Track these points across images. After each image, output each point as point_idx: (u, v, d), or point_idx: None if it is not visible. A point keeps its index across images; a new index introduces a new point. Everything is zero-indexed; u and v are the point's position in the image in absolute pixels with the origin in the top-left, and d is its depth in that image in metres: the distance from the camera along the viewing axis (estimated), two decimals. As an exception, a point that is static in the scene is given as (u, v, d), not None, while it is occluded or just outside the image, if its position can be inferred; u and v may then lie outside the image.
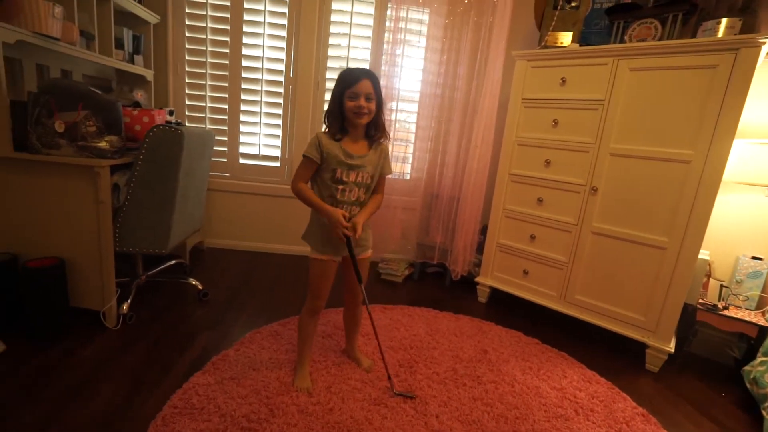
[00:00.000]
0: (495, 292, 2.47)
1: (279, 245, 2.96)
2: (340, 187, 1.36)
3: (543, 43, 2.19)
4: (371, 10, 2.68)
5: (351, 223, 1.34)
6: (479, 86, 2.48)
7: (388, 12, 2.50)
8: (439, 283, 2.73)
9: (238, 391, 1.39)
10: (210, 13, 2.59)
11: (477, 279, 2.49)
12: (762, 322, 1.75)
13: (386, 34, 2.54)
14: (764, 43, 1.49)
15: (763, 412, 1.45)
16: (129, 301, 1.82)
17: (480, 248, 2.56)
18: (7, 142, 1.57)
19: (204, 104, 2.72)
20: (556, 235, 2.14)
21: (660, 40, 1.91)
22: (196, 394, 1.36)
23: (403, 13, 2.49)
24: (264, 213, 2.92)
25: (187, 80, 2.67)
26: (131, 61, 2.40)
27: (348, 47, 2.71)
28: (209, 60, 2.65)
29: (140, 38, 2.46)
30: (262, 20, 2.62)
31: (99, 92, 1.63)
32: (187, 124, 2.72)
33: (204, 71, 2.66)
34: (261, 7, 2.60)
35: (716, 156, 1.63)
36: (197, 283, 2.12)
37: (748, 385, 1.64)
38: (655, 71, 1.77)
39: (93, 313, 1.73)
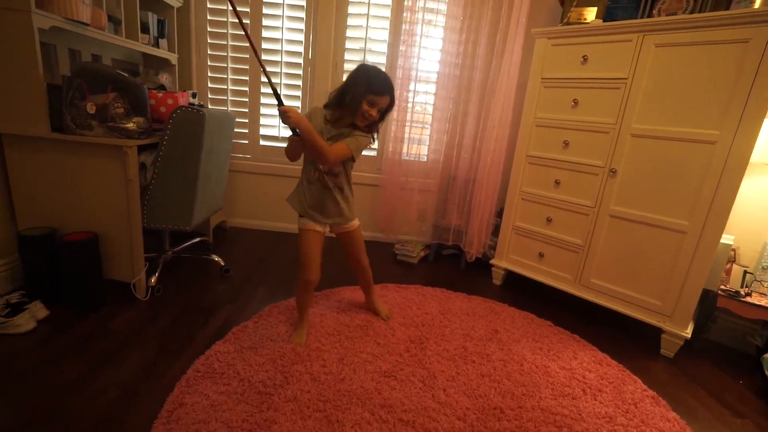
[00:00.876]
0: (510, 275, 2.48)
1: (296, 225, 3.04)
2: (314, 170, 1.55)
3: (566, 20, 2.12)
4: (390, -11, 2.65)
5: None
6: (498, 66, 2.44)
7: (407, -10, 2.47)
8: (454, 265, 2.75)
9: (256, 360, 1.48)
10: (230, -5, 2.62)
11: (492, 261, 2.50)
12: (786, 310, 1.70)
13: (405, 14, 2.51)
14: (802, 14, 1.40)
15: (780, 399, 1.43)
16: (157, 274, 1.93)
17: (496, 231, 2.56)
18: (44, 124, 1.67)
19: (226, 87, 2.78)
20: (572, 218, 2.11)
21: (692, 13, 1.82)
22: (217, 360, 1.46)
23: (421, -8, 2.46)
24: (284, 194, 2.96)
25: (209, 63, 2.74)
26: (156, 44, 2.47)
27: (366, 28, 2.70)
28: (230, 43, 2.70)
29: (164, 22, 2.52)
30: (281, 2, 2.64)
31: (126, 75, 1.71)
32: (209, 106, 2.80)
33: (225, 54, 2.72)
34: (280, -12, 2.62)
35: (745, 136, 1.56)
36: (219, 259, 2.23)
37: (767, 373, 1.61)
38: (683, 47, 1.69)
39: (124, 285, 1.85)
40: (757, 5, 1.55)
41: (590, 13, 2.05)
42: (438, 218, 2.85)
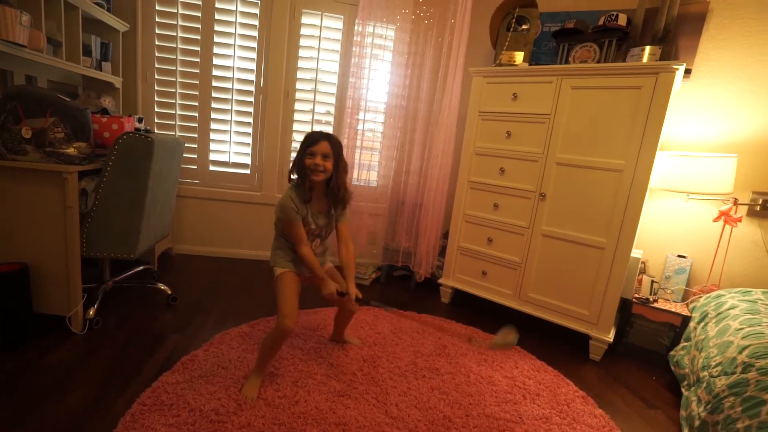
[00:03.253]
0: (456, 293, 2.62)
1: (248, 251, 3.01)
2: (315, 240, 1.61)
3: (498, 61, 2.38)
4: (340, 24, 2.81)
5: (346, 294, 1.55)
6: (440, 99, 2.65)
7: (356, 27, 2.63)
8: (404, 286, 2.85)
9: (207, 388, 1.45)
10: (180, 22, 2.64)
11: (440, 280, 2.64)
12: (685, 312, 1.98)
13: (354, 48, 2.67)
14: (677, 69, 1.72)
15: (683, 390, 1.65)
16: (96, 306, 1.83)
17: (442, 251, 2.71)
18: (-30, 148, 1.57)
19: (174, 112, 2.75)
20: (510, 237, 2.31)
21: (598, 62, 2.14)
22: (165, 392, 1.41)
23: (370, 29, 2.64)
24: (233, 219, 2.96)
25: (156, 88, 2.70)
26: (99, 68, 2.41)
27: (317, 59, 2.82)
28: (179, 69, 2.70)
29: (108, 45, 2.47)
30: (233, 31, 2.70)
31: (68, 99, 1.66)
32: (156, 131, 2.74)
33: (174, 79, 2.70)
34: (232, 18, 2.68)
35: (643, 166, 1.85)
36: (166, 288, 2.15)
37: (672, 368, 1.85)
38: (593, 90, 1.98)
39: (58, 319, 1.74)
40: (645, 60, 1.87)
41: (519, 57, 2.32)
42: (388, 240, 2.96)
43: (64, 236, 1.67)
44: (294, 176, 1.57)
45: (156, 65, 2.67)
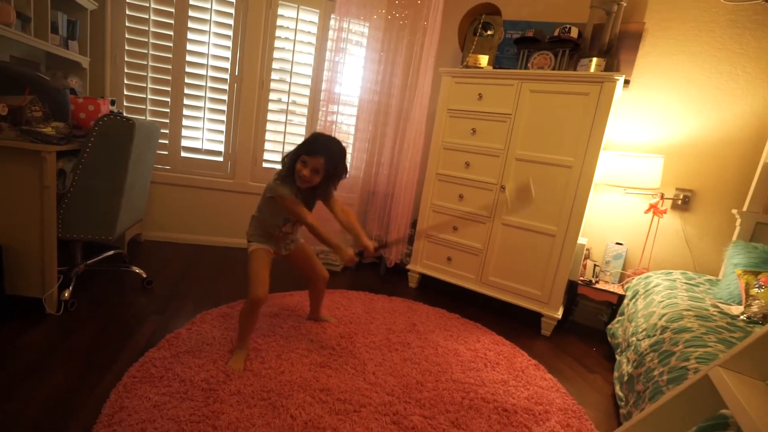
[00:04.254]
0: (424, 278, 2.81)
1: (220, 238, 3.03)
2: (287, 223, 1.67)
3: (465, 63, 2.57)
4: (315, 18, 2.88)
5: (364, 251, 1.60)
6: (411, 96, 2.81)
7: (332, 22, 2.73)
8: (374, 272, 3.00)
9: (195, 362, 1.52)
10: (153, 5, 2.60)
11: (408, 267, 2.81)
12: (621, 292, 2.28)
13: (329, 42, 2.76)
14: (618, 79, 1.99)
15: (617, 356, 1.93)
16: (71, 288, 1.82)
17: (410, 240, 2.89)
18: (-62, 123, 1.52)
19: (144, 96, 2.70)
20: (474, 226, 2.52)
21: (554, 69, 2.39)
22: (153, 366, 1.47)
23: (345, 25, 2.73)
24: (205, 206, 2.96)
25: (126, 70, 2.64)
26: (65, 46, 2.34)
27: (293, 51, 2.88)
28: (151, 52, 2.66)
29: (75, 23, 2.40)
30: (208, 18, 2.70)
31: (47, 78, 1.65)
32: (125, 114, 2.68)
33: (145, 63, 2.66)
34: (207, 5, 2.67)
35: (589, 163, 2.11)
36: (141, 271, 2.16)
37: (609, 339, 2.14)
38: (548, 94, 2.22)
39: (31, 301, 1.72)
40: (592, 69, 2.13)
41: (484, 60, 2.52)
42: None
43: (41, 217, 1.66)
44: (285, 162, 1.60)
45: (126, 47, 2.62)
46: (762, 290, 1.62)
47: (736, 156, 2.21)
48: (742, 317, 1.58)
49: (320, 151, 1.50)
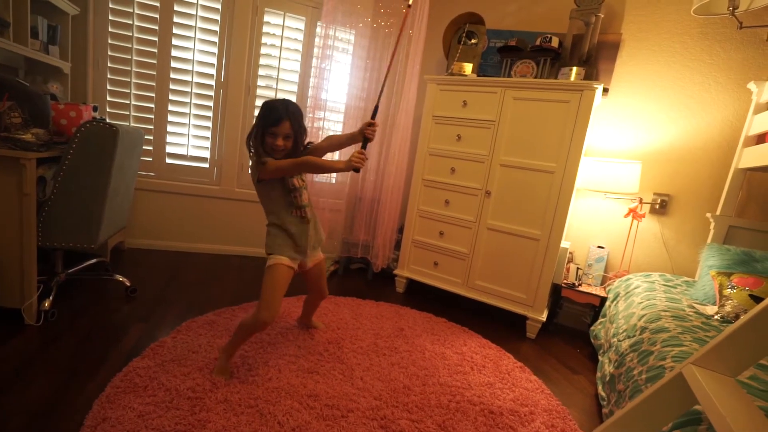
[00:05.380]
0: (411, 283, 2.83)
1: (205, 245, 3.00)
2: (295, 194, 1.57)
3: (450, 71, 2.62)
4: (302, 25, 2.90)
5: (358, 155, 1.47)
6: (397, 103, 2.84)
7: (318, 29, 2.75)
8: (362, 277, 3.01)
9: (180, 370, 1.51)
10: (137, 11, 2.58)
11: (395, 272, 2.83)
12: (603, 294, 2.34)
13: (315, 50, 2.78)
14: (597, 88, 2.06)
15: (600, 357, 1.98)
16: (51, 297, 1.78)
17: (397, 245, 2.90)
18: None
19: (128, 102, 2.67)
20: (459, 231, 2.55)
21: (535, 77, 2.45)
22: (137, 376, 1.45)
23: (331, 32, 2.76)
24: (190, 213, 2.93)
25: (109, 76, 2.61)
26: (46, 51, 2.30)
27: (279, 58, 2.89)
28: (135, 57, 2.63)
29: (56, 28, 2.37)
30: (193, 24, 2.69)
31: (26, 84, 1.62)
32: (108, 120, 2.65)
33: (129, 68, 2.63)
34: (192, 11, 2.67)
35: (570, 168, 2.17)
36: (124, 279, 2.12)
37: (592, 341, 2.19)
38: (531, 101, 2.27)
39: (8, 312, 1.68)
40: (572, 78, 2.20)
41: (468, 68, 2.57)
42: (346, 234, 3.10)
43: (20, 225, 1.62)
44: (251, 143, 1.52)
45: (109, 52, 2.59)
46: (734, 291, 1.69)
47: (709, 162, 2.30)
48: (716, 317, 1.65)
49: (282, 116, 1.46)
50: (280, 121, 1.46)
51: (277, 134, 1.47)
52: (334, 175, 3.04)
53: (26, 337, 1.62)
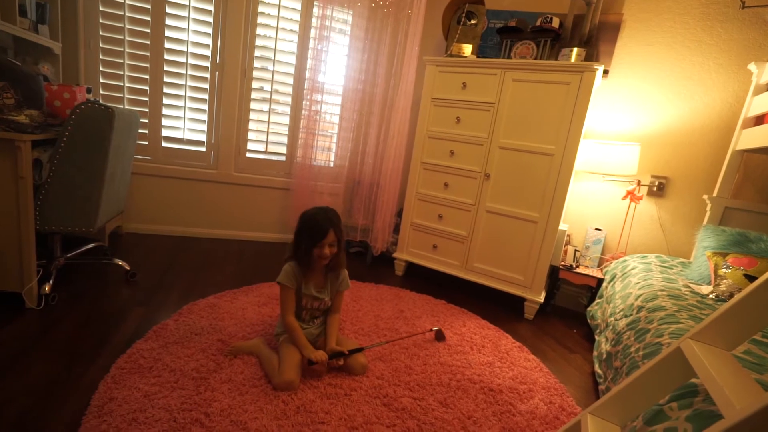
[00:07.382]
0: (410, 266, 2.85)
1: (204, 229, 2.99)
2: (304, 311, 1.63)
3: (449, 52, 2.59)
4: (298, 5, 2.83)
5: (322, 361, 1.48)
6: (396, 85, 2.81)
7: (315, 10, 2.69)
8: (361, 261, 3.02)
9: (184, 352, 1.52)
10: (128, -11, 2.51)
11: (394, 255, 2.84)
12: (600, 275, 2.37)
13: (312, 31, 2.73)
14: (597, 69, 2.04)
15: (596, 336, 2.01)
16: (51, 281, 1.78)
17: (396, 228, 2.91)
18: None
19: (121, 83, 2.62)
20: (458, 214, 2.56)
21: (536, 58, 2.43)
22: (141, 357, 1.46)
23: (328, 12, 2.71)
24: (187, 197, 2.91)
25: (101, 57, 2.55)
26: (35, 30, 2.24)
27: (275, 39, 2.83)
28: (127, 38, 2.57)
29: (45, 7, 2.30)
30: (187, 4, 2.62)
31: (19, 64, 1.58)
32: (101, 102, 2.60)
33: (122, 49, 2.57)
34: (185, -10, 2.60)
35: (569, 151, 2.17)
36: (124, 263, 2.12)
37: (589, 321, 2.23)
38: (531, 83, 2.25)
39: (9, 296, 1.67)
40: (573, 59, 2.18)
41: (467, 49, 2.54)
42: (346, 218, 3.09)
43: (17, 209, 1.60)
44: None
45: (101, 32, 2.52)
46: (729, 270, 1.72)
47: (707, 144, 2.30)
48: (711, 296, 1.68)
49: (327, 227, 1.53)
50: (326, 233, 1.53)
51: (324, 245, 1.53)
52: (332, 158, 3.03)
53: (27, 320, 1.62)
